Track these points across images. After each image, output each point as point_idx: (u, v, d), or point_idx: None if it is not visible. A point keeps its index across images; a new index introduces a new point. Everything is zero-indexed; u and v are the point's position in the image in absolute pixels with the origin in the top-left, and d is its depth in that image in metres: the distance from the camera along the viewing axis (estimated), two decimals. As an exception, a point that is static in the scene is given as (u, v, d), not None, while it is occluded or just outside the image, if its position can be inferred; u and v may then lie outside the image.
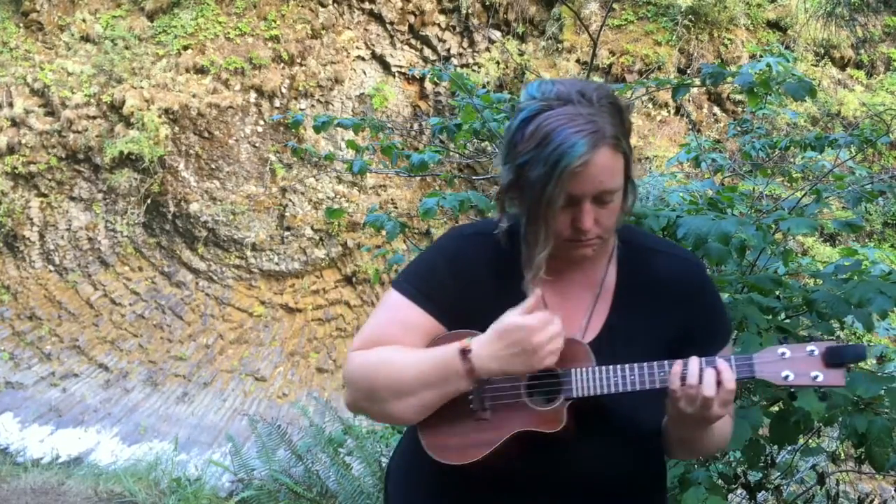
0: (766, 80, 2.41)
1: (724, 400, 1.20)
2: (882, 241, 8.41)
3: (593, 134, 1.17)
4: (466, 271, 1.34)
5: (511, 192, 1.26)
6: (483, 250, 1.36)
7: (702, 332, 1.34)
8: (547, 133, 1.17)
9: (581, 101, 1.19)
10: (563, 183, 1.17)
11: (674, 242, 1.62)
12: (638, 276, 1.37)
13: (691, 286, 1.37)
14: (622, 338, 1.32)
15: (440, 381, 1.23)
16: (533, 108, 1.20)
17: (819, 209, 2.54)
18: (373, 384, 1.28)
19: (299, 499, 3.98)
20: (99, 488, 4.38)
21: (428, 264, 1.39)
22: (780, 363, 1.19)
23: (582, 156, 1.15)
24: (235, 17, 11.35)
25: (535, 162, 1.18)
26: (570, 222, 1.23)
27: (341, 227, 11.40)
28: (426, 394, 1.24)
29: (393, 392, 1.26)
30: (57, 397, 10.48)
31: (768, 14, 10.38)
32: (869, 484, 5.16)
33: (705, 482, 1.91)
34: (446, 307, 1.32)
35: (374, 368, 1.28)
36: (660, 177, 3.88)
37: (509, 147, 1.24)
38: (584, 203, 1.21)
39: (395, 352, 1.29)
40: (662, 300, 1.35)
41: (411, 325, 1.32)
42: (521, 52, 11.10)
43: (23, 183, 11.21)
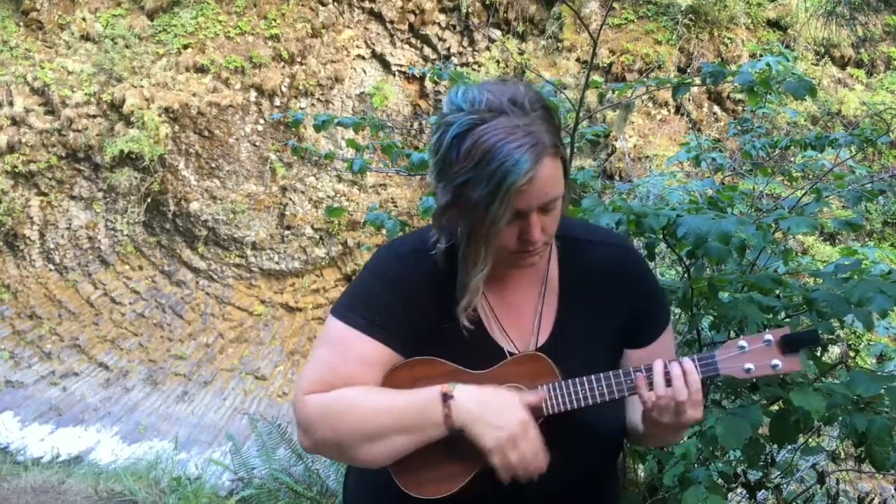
0: (766, 80, 2.40)
1: (694, 402, 1.20)
2: (882, 240, 8.41)
3: (534, 147, 1.12)
4: (410, 294, 1.27)
5: (449, 212, 1.20)
6: (422, 270, 1.29)
7: (645, 317, 1.35)
8: (486, 150, 1.11)
9: (514, 111, 1.13)
10: (508, 201, 1.12)
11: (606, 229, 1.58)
12: (578, 268, 1.35)
13: (629, 273, 1.36)
14: (574, 334, 1.31)
15: (415, 428, 1.18)
16: (464, 123, 1.13)
17: (819, 208, 2.54)
18: (337, 431, 1.20)
19: (299, 498, 3.98)
20: (99, 487, 4.38)
21: (369, 290, 1.29)
22: (740, 357, 1.20)
23: (527, 172, 1.11)
24: (235, 15, 11.35)
25: (476, 181, 1.12)
26: (518, 235, 1.20)
27: (341, 226, 11.40)
28: (399, 439, 1.19)
29: (361, 438, 1.19)
30: (57, 396, 10.49)
31: (768, 13, 10.38)
32: (869, 483, 5.16)
33: (705, 481, 1.91)
34: (396, 333, 1.25)
35: (338, 414, 1.20)
36: (659, 176, 3.89)
37: (443, 165, 1.17)
38: (532, 216, 1.17)
39: (359, 393, 1.21)
40: (605, 290, 1.33)
41: (368, 360, 1.24)
42: (521, 51, 11.10)
43: (23, 182, 11.21)
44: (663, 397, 1.19)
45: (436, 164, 1.19)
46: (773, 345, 1.19)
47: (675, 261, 2.83)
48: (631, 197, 3.63)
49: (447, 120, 1.16)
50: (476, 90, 1.17)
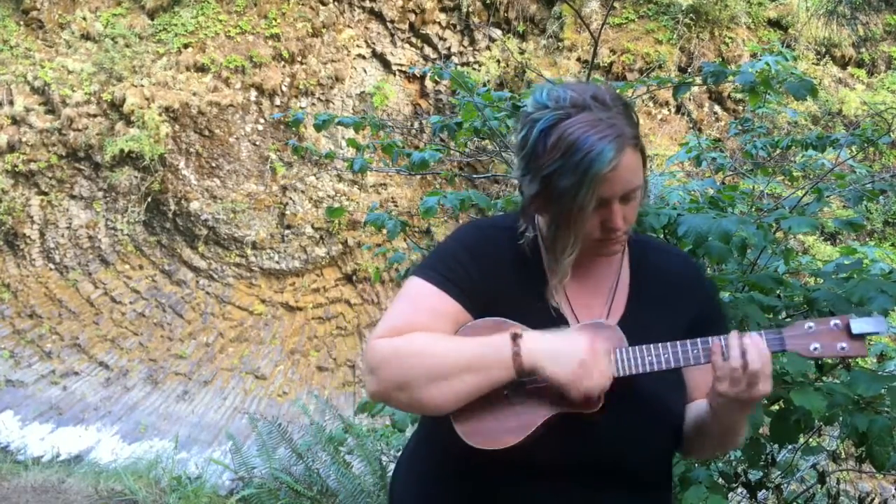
0: (767, 79, 2.40)
1: (766, 373, 1.22)
2: (882, 239, 8.41)
3: (618, 138, 1.20)
4: (488, 261, 1.35)
5: (536, 202, 1.28)
6: (502, 243, 1.37)
7: (707, 324, 1.37)
8: (572, 142, 1.19)
9: (597, 106, 1.22)
10: (594, 188, 1.21)
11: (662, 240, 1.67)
12: (648, 269, 1.42)
13: (695, 280, 1.45)
14: (639, 328, 1.34)
15: (482, 366, 1.21)
16: (550, 118, 1.22)
17: (820, 208, 2.54)
18: (406, 370, 1.23)
19: (300, 497, 3.98)
20: (99, 486, 4.38)
21: (449, 253, 1.37)
22: (807, 337, 1.25)
23: (611, 160, 1.19)
24: (236, 15, 11.35)
25: (563, 171, 1.20)
26: (600, 223, 1.27)
27: (342, 226, 11.40)
28: (466, 378, 1.21)
29: (429, 377, 1.22)
30: (57, 395, 10.49)
31: (769, 13, 10.37)
32: (869, 483, 5.16)
33: (706, 481, 1.91)
34: (471, 294, 1.32)
35: (407, 354, 1.24)
36: (660, 176, 3.88)
37: (530, 158, 1.25)
38: (614, 204, 1.25)
39: (429, 337, 1.26)
40: (672, 295, 1.40)
41: (440, 312, 1.30)
42: (521, 51, 11.10)
43: (23, 181, 11.21)
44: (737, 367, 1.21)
45: (522, 159, 1.28)
46: (842, 328, 1.24)
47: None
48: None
49: (533, 117, 1.25)
50: (560, 89, 1.26)
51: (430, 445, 1.41)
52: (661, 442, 1.37)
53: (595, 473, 1.31)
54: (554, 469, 1.30)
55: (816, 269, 2.77)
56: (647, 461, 1.36)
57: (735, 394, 1.23)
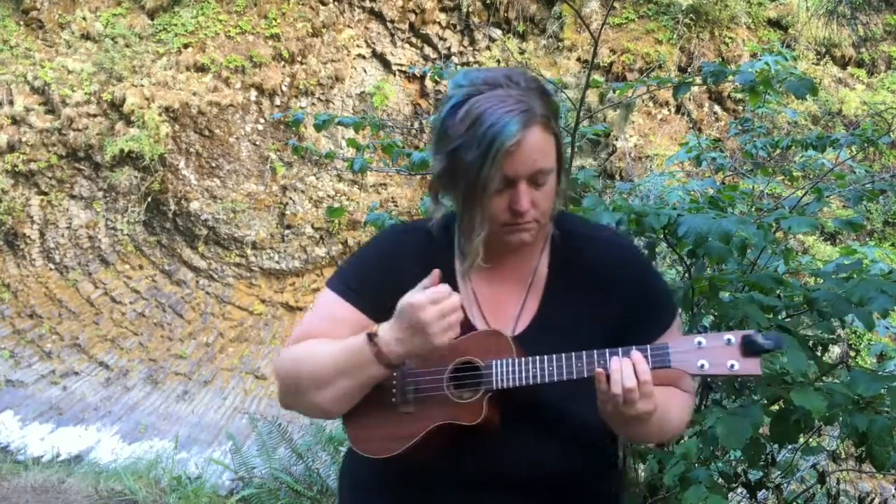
0: (767, 79, 2.40)
1: (644, 393, 1.16)
2: (882, 239, 8.40)
3: (524, 112, 1.17)
4: (396, 265, 1.34)
5: (443, 179, 1.26)
6: (415, 244, 1.36)
7: (641, 318, 1.32)
8: (478, 115, 1.17)
9: (509, 84, 1.20)
10: (498, 163, 1.16)
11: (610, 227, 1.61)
12: (571, 264, 1.35)
13: (626, 271, 1.35)
14: (554, 328, 1.30)
15: (353, 369, 1.23)
16: (461, 95, 1.20)
17: (820, 208, 2.54)
18: (296, 376, 1.29)
19: (300, 497, 3.98)
20: (99, 486, 4.38)
21: (359, 261, 1.41)
22: (696, 353, 1.17)
23: (515, 134, 1.15)
24: (236, 15, 11.35)
25: (468, 145, 1.17)
26: (507, 206, 1.22)
27: (342, 226, 11.40)
28: (343, 382, 1.24)
29: (313, 382, 1.26)
30: (57, 395, 10.49)
31: (769, 13, 10.37)
32: (869, 483, 5.16)
33: (705, 481, 1.91)
34: (373, 300, 1.32)
35: (297, 361, 1.30)
36: (660, 176, 3.88)
37: (440, 135, 1.23)
38: (520, 184, 1.20)
39: (317, 344, 1.30)
40: (596, 288, 1.32)
41: (339, 319, 1.33)
42: (521, 51, 11.10)
43: (23, 181, 11.21)
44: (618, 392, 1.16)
45: (434, 136, 1.26)
46: (735, 345, 1.15)
47: (675, 260, 2.83)
48: (631, 196, 3.63)
49: (448, 95, 1.23)
50: (477, 70, 1.25)
51: None
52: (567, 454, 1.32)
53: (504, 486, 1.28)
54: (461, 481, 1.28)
55: (816, 269, 2.78)
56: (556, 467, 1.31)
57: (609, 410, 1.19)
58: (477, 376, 1.24)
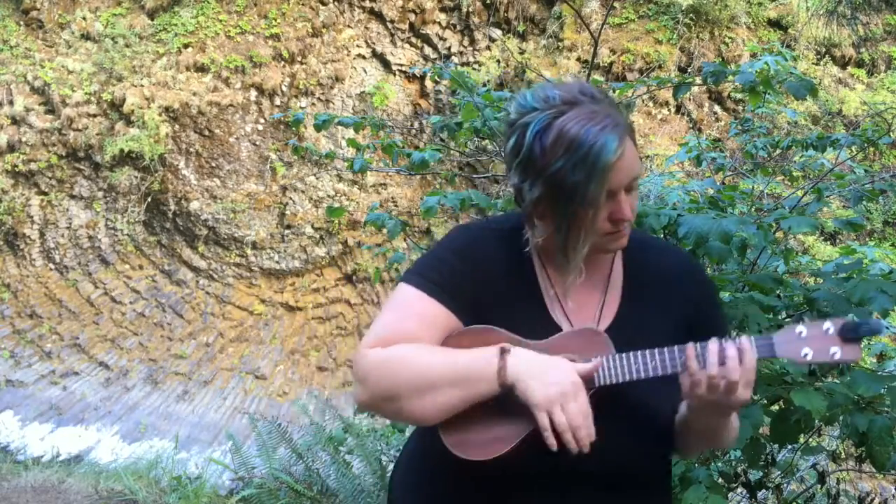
0: (767, 79, 2.40)
1: (747, 381, 1.19)
2: (882, 239, 8.41)
3: (617, 127, 1.19)
4: (477, 264, 1.33)
5: (542, 205, 1.24)
6: (493, 246, 1.35)
7: (702, 323, 1.35)
8: (573, 137, 1.17)
9: (588, 100, 1.21)
10: (604, 180, 1.18)
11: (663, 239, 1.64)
12: (643, 269, 1.39)
13: (693, 281, 1.40)
14: (632, 328, 1.32)
15: (468, 380, 1.21)
16: (543, 119, 1.20)
17: (820, 208, 2.54)
18: (393, 381, 1.23)
19: (300, 497, 3.97)
20: (99, 486, 4.38)
21: (439, 259, 1.35)
22: (798, 342, 1.20)
23: (617, 149, 1.18)
24: (236, 15, 11.35)
25: (569, 168, 1.18)
26: (608, 216, 1.25)
27: (342, 226, 11.40)
28: (451, 392, 1.21)
29: (415, 389, 1.22)
30: (57, 395, 10.49)
31: (769, 13, 10.38)
32: (869, 483, 5.16)
33: (706, 481, 1.91)
34: (460, 299, 1.30)
35: (394, 365, 1.24)
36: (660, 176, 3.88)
37: (527, 162, 1.22)
38: (620, 194, 1.23)
39: (417, 348, 1.25)
40: (667, 293, 1.37)
41: (428, 319, 1.28)
42: (521, 51, 11.10)
43: (23, 181, 11.21)
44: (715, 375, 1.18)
45: (519, 164, 1.24)
46: (834, 333, 1.19)
47: (675, 260, 2.82)
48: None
49: (524, 121, 1.22)
50: (546, 89, 1.23)
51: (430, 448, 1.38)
52: (651, 447, 1.34)
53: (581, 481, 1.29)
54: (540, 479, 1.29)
55: (816, 269, 2.77)
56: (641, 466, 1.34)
57: (712, 400, 1.20)
58: None
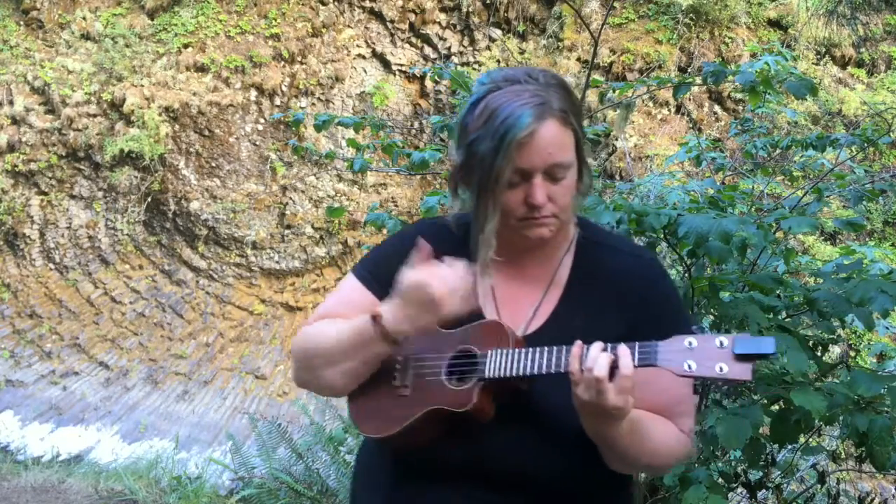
0: (767, 79, 2.40)
1: (621, 387, 1.13)
2: (882, 239, 8.40)
3: (539, 105, 1.19)
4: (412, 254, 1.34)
5: (461, 172, 1.29)
6: (438, 236, 1.37)
7: (651, 331, 1.26)
8: (494, 108, 1.20)
9: (528, 80, 1.23)
10: (510, 154, 1.18)
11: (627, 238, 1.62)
12: (591, 270, 1.35)
13: (643, 284, 1.34)
14: (567, 330, 1.27)
15: (357, 347, 1.28)
16: (482, 91, 1.24)
17: (820, 208, 2.54)
18: (308, 354, 1.34)
19: (300, 497, 3.98)
20: (99, 486, 4.38)
21: (382, 250, 1.45)
22: (684, 353, 1.13)
23: (528, 125, 1.17)
24: (236, 15, 11.35)
25: (482, 137, 1.20)
26: (523, 199, 1.23)
27: (342, 226, 11.40)
28: (348, 361, 1.29)
29: (323, 360, 1.31)
30: (57, 395, 10.49)
31: (769, 13, 10.37)
32: (869, 483, 5.16)
33: (706, 481, 1.91)
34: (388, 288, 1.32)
35: (310, 339, 1.35)
36: (660, 176, 3.88)
37: (460, 130, 1.27)
38: (536, 177, 1.21)
39: (328, 323, 1.35)
40: (612, 297, 1.32)
41: (355, 305, 1.36)
42: (521, 51, 11.10)
43: (23, 181, 11.21)
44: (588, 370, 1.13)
45: (456, 133, 1.30)
46: (727, 348, 1.11)
47: (675, 260, 2.83)
48: (631, 196, 3.63)
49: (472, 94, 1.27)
50: (499, 70, 1.29)
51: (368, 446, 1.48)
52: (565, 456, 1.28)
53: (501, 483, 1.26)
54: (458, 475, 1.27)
55: (816, 269, 2.77)
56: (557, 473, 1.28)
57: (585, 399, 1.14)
58: (472, 364, 1.25)
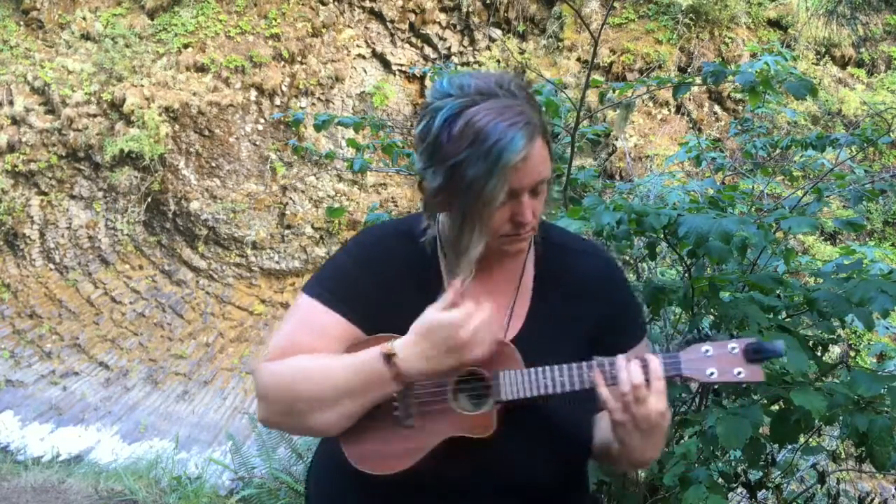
0: (766, 79, 2.40)
1: (657, 390, 1.16)
2: (882, 239, 8.41)
3: (527, 126, 1.15)
4: (382, 272, 1.29)
5: (441, 194, 1.20)
6: (399, 250, 1.31)
7: (615, 328, 1.32)
8: (480, 129, 1.13)
9: (503, 93, 1.16)
10: (504, 178, 1.14)
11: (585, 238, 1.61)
12: (556, 274, 1.35)
13: (605, 283, 1.36)
14: (543, 334, 1.29)
15: (364, 389, 1.17)
16: (455, 106, 1.15)
17: (820, 208, 2.54)
18: (289, 397, 1.20)
19: (300, 497, 3.98)
20: (99, 486, 4.38)
21: (338, 266, 1.32)
22: (704, 361, 1.19)
23: (522, 149, 1.13)
24: (236, 15, 11.35)
25: (471, 160, 1.13)
26: (509, 217, 1.21)
27: (342, 226, 11.40)
28: (349, 403, 1.18)
29: (312, 404, 1.18)
30: (57, 395, 10.49)
31: (769, 13, 10.38)
32: (869, 483, 5.16)
33: (706, 481, 1.91)
34: (361, 310, 1.27)
35: (290, 380, 1.20)
36: (660, 176, 3.88)
37: (433, 148, 1.17)
38: (524, 196, 1.19)
39: (312, 360, 1.21)
40: (578, 297, 1.33)
41: (326, 331, 1.25)
42: (521, 51, 11.10)
43: (23, 181, 11.21)
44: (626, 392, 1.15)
45: (425, 150, 1.19)
46: (738, 353, 1.18)
47: (675, 260, 2.83)
48: (631, 196, 3.63)
49: (435, 106, 1.17)
50: (463, 77, 1.19)
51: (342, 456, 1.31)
52: (563, 459, 1.31)
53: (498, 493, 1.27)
54: (455, 490, 1.26)
55: (816, 269, 2.77)
56: (551, 478, 1.30)
57: (629, 418, 1.16)
58: (484, 387, 1.23)
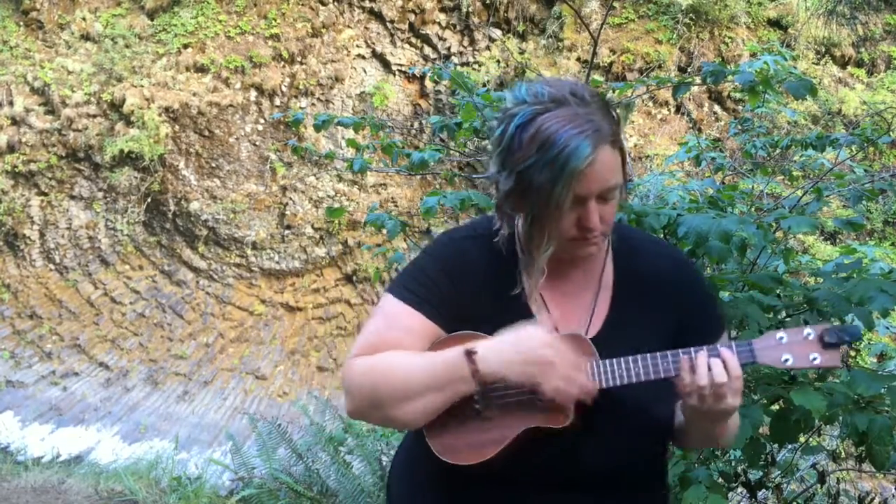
0: (766, 79, 2.40)
1: (735, 388, 1.21)
2: (882, 239, 8.41)
3: (595, 133, 1.18)
4: (461, 274, 1.34)
5: (512, 198, 1.26)
6: (476, 253, 1.36)
7: (698, 326, 1.36)
8: (548, 136, 1.17)
9: (575, 101, 1.20)
10: (570, 184, 1.18)
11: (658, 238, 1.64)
12: (635, 272, 1.39)
13: (685, 282, 1.40)
14: (623, 333, 1.33)
15: (445, 384, 1.23)
16: (528, 112, 1.20)
17: (819, 208, 2.54)
18: (376, 390, 1.27)
19: (300, 497, 3.98)
20: (99, 487, 4.38)
21: (422, 269, 1.37)
22: (778, 348, 1.22)
23: (588, 157, 1.17)
24: (236, 15, 11.35)
25: (539, 166, 1.18)
26: (576, 222, 1.25)
27: (342, 226, 11.40)
28: (431, 397, 1.24)
29: (398, 397, 1.25)
30: (57, 396, 10.48)
31: (769, 12, 10.37)
32: (869, 482, 5.16)
33: (706, 481, 1.91)
34: (443, 310, 1.32)
35: (377, 374, 1.27)
36: (660, 175, 3.88)
37: (506, 153, 1.23)
38: (590, 202, 1.22)
39: (397, 356, 1.28)
40: (659, 296, 1.37)
41: (410, 329, 1.31)
42: (521, 51, 11.10)
43: (23, 181, 11.21)
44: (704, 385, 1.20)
45: (499, 154, 1.25)
46: (814, 339, 1.21)
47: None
48: (631, 196, 3.63)
49: (511, 112, 1.23)
50: (539, 85, 1.24)
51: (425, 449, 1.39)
52: (646, 449, 1.36)
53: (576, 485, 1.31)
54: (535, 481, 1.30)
55: (816, 268, 2.77)
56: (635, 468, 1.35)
57: (704, 409, 1.22)
58: None
